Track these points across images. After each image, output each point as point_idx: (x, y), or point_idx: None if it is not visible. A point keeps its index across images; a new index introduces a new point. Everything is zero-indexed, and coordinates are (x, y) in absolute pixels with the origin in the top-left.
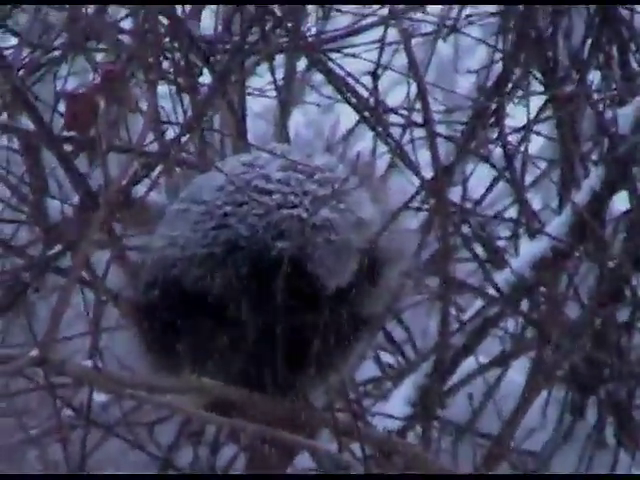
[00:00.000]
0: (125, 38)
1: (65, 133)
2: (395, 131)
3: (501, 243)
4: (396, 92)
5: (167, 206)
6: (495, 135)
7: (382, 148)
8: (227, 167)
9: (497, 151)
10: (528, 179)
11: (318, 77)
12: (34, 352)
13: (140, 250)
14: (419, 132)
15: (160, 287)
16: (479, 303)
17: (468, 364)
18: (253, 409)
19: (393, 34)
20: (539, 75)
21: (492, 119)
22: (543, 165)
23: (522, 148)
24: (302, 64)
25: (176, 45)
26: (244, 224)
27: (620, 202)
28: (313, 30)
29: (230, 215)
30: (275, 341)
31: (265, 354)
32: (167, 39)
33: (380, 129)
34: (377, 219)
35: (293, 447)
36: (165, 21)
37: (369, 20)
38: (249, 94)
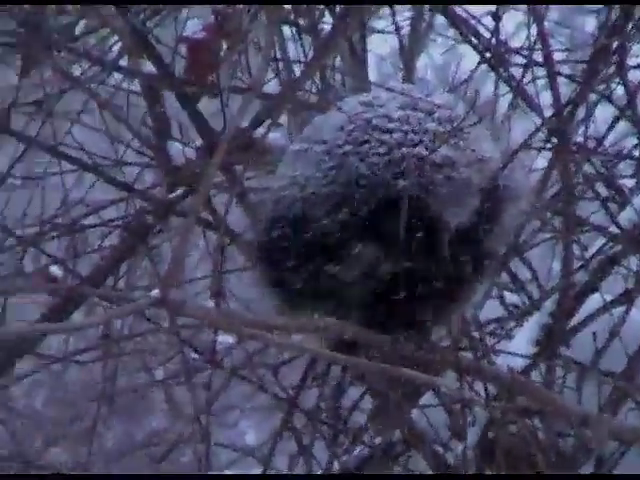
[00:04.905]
0: None
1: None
2: (517, 72)
3: (624, 181)
4: (521, 34)
5: (287, 146)
6: (616, 73)
7: (504, 88)
8: (347, 107)
9: (619, 89)
10: None
11: (441, 20)
12: (155, 293)
13: (260, 191)
14: (541, 72)
15: (281, 227)
16: (602, 241)
17: (592, 303)
18: (375, 348)
19: None
20: None
21: (614, 57)
22: None
23: None
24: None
25: None
26: (364, 163)
27: None
28: None
29: (350, 154)
30: (397, 279)
31: (386, 292)
32: None
33: (501, 69)
34: (497, 157)
35: (418, 386)
36: None
37: None
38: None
